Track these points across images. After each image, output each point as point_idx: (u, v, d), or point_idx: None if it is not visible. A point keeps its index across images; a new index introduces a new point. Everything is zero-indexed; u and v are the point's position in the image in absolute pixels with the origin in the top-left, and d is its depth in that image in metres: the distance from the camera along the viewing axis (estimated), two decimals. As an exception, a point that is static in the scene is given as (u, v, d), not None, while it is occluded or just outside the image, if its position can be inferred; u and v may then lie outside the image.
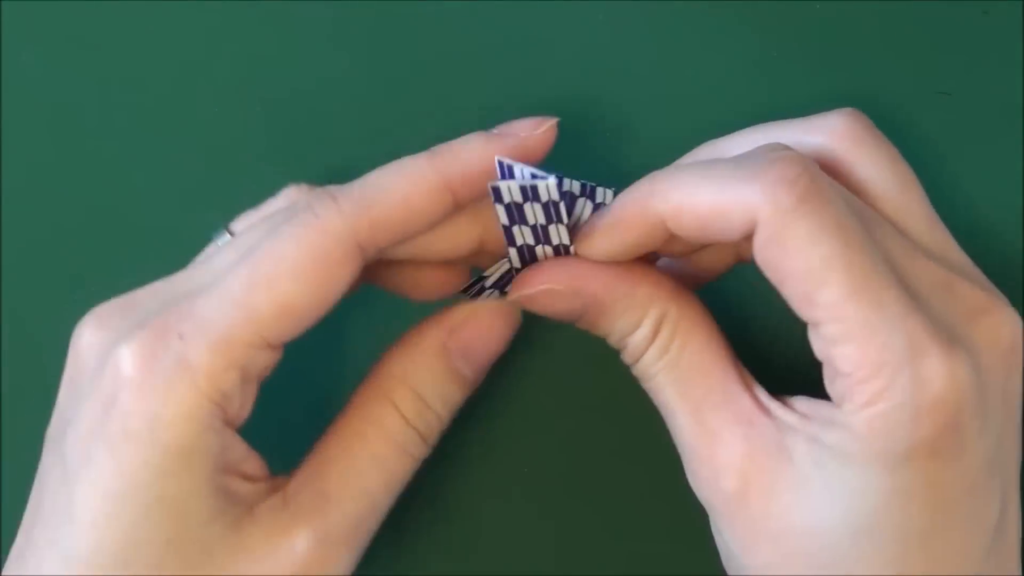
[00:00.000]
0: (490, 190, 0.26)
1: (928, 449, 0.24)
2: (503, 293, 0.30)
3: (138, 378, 0.25)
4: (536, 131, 0.28)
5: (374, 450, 0.27)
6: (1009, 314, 0.26)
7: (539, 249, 0.28)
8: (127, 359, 0.25)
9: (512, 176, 0.27)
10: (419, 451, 0.28)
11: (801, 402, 0.26)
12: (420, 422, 0.28)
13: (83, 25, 0.36)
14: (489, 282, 0.30)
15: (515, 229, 0.28)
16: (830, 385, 0.25)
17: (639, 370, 0.28)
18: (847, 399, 0.25)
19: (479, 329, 0.29)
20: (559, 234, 0.28)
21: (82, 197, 0.35)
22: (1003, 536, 0.26)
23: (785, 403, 0.27)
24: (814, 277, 0.24)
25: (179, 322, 0.25)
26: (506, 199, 0.27)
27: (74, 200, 0.34)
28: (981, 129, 0.28)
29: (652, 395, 0.28)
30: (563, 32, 0.35)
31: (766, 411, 0.26)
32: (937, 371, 0.24)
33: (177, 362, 0.25)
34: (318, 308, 0.26)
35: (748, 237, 0.25)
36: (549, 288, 0.28)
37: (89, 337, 0.27)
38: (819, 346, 0.25)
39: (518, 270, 0.29)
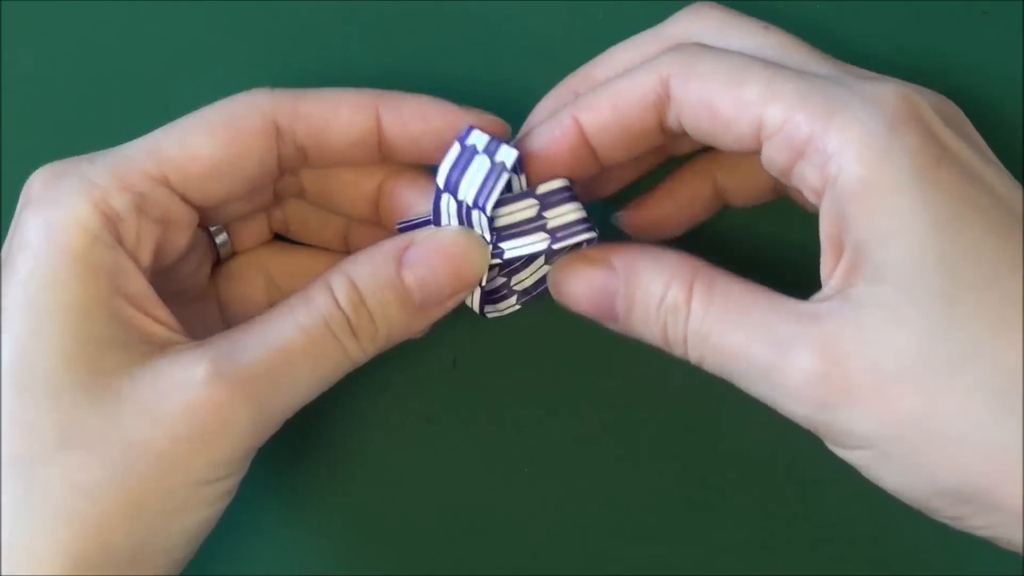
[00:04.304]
0: (464, 128, 0.28)
1: (929, 157, 0.25)
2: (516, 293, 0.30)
3: (40, 194, 0.27)
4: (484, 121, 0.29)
5: (298, 318, 0.27)
6: None
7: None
8: (34, 182, 0.27)
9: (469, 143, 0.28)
10: (349, 343, 0.27)
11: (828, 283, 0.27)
12: (352, 311, 0.27)
13: (83, 25, 0.36)
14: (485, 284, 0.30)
15: (443, 200, 0.28)
16: (804, 177, 0.26)
17: (694, 336, 0.27)
18: (825, 163, 0.25)
19: (439, 252, 0.28)
20: (481, 224, 0.28)
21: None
22: None
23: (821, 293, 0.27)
24: (733, 78, 0.27)
25: (95, 155, 0.27)
26: (469, 141, 0.28)
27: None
28: (981, 129, 0.28)
29: (712, 357, 0.27)
30: (563, 32, 0.35)
31: (818, 300, 0.26)
32: (878, 87, 0.26)
33: (78, 179, 0.26)
34: (224, 168, 0.27)
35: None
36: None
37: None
38: (772, 143, 0.27)
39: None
